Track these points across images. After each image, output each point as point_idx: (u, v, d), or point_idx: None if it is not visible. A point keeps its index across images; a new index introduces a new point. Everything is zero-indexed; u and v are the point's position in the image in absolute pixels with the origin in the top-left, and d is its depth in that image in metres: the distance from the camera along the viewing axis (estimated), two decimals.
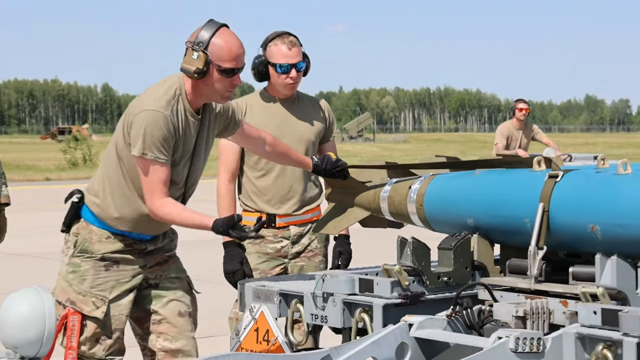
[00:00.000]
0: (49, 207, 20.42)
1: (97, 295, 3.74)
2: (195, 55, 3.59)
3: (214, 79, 3.64)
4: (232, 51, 3.63)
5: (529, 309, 3.40)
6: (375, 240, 4.29)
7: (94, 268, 3.75)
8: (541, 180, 3.62)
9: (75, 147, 39.39)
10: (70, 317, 3.71)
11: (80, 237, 3.78)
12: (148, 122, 3.60)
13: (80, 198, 3.80)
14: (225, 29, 3.65)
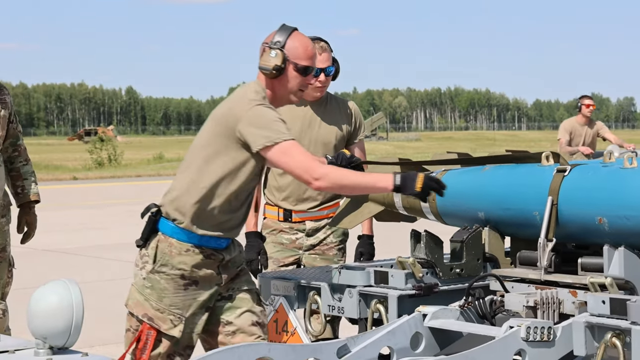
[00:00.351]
0: (76, 205, 20.60)
1: (175, 313, 3.69)
2: (273, 54, 3.68)
3: (289, 77, 3.72)
4: (307, 49, 3.74)
5: (539, 299, 3.48)
6: (389, 234, 4.36)
7: (173, 287, 3.69)
8: (549, 174, 3.70)
9: (101, 147, 39.81)
10: (145, 332, 3.69)
11: (159, 251, 3.71)
12: (265, 113, 3.60)
13: (156, 212, 3.72)
14: (298, 32, 3.77)
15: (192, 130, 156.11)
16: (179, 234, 3.69)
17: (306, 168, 3.54)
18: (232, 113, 3.64)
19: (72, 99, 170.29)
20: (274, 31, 3.75)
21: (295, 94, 3.77)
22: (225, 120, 3.65)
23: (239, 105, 3.64)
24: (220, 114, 3.70)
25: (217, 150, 3.65)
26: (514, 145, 31.47)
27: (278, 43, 3.69)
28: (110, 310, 8.55)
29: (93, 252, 12.66)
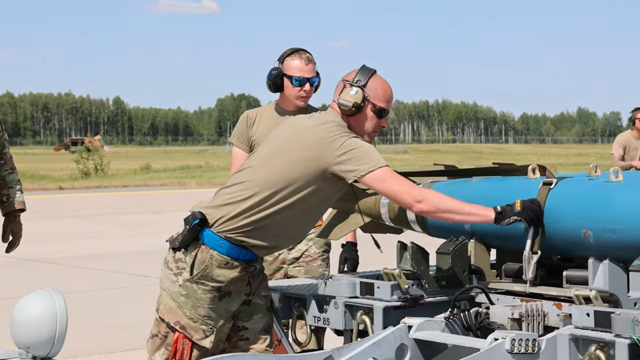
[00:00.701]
0: (62, 214, 20.55)
1: (207, 323, 3.69)
2: (353, 91, 3.73)
3: (366, 117, 3.77)
4: (387, 93, 3.80)
5: (524, 312, 3.48)
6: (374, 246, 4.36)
7: (209, 299, 3.68)
8: (536, 187, 3.71)
9: (88, 157, 39.78)
10: (181, 341, 3.69)
11: (198, 261, 3.67)
12: (361, 143, 3.65)
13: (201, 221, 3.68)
14: (378, 74, 3.81)
15: (179, 141, 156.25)
16: (221, 246, 3.68)
17: (407, 190, 3.60)
18: (326, 142, 3.63)
19: (59, 108, 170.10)
20: (355, 70, 3.81)
21: (369, 134, 3.81)
22: (318, 148, 3.63)
23: (334, 136, 3.64)
24: (310, 141, 3.66)
25: (299, 176, 3.64)
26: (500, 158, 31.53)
27: (359, 82, 3.75)
28: (95, 321, 8.54)
29: (78, 262, 12.62)
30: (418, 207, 3.59)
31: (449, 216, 3.63)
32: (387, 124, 3.86)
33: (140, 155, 69.17)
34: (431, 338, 3.52)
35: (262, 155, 3.77)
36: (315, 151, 3.64)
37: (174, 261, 3.75)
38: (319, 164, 3.63)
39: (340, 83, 3.81)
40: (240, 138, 5.03)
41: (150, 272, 11.63)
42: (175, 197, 25.99)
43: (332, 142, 3.63)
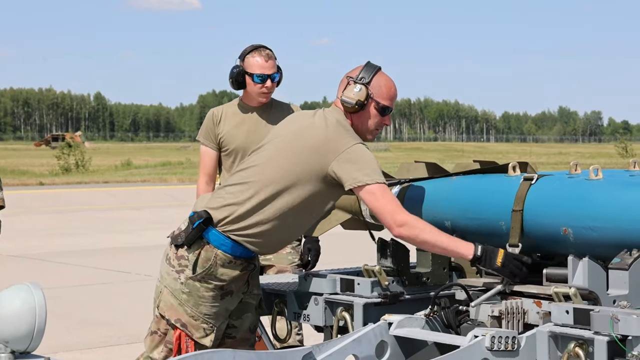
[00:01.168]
0: (42, 210, 20.48)
1: (208, 322, 3.70)
2: (357, 89, 3.70)
3: (369, 115, 3.74)
4: (391, 91, 3.78)
5: (504, 309, 3.49)
6: (355, 242, 4.36)
7: (212, 297, 3.69)
8: (516, 184, 3.72)
9: (69, 153, 39.64)
10: (184, 340, 3.68)
11: (202, 259, 3.67)
12: (365, 152, 3.63)
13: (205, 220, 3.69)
14: (382, 71, 3.79)
15: (161, 137, 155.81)
16: (226, 246, 3.68)
17: (392, 212, 3.57)
18: (330, 145, 3.62)
19: (39, 104, 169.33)
20: (359, 66, 3.78)
21: (372, 132, 3.78)
22: (320, 150, 3.62)
23: (341, 137, 3.63)
24: (313, 142, 3.64)
25: (302, 176, 3.64)
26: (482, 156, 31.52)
27: (363, 79, 3.72)
28: (75, 316, 8.51)
29: (58, 258, 12.57)
30: (397, 231, 3.58)
31: (426, 246, 3.64)
32: (390, 122, 3.83)
33: (121, 152, 68.96)
34: (411, 335, 3.52)
35: (266, 154, 3.74)
36: (319, 152, 3.63)
37: (176, 258, 3.73)
38: (322, 165, 3.62)
39: (344, 79, 3.77)
40: (208, 136, 5.11)
41: (131, 268, 11.61)
42: (156, 193, 25.92)
43: (337, 145, 3.62)
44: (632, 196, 3.40)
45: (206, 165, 5.13)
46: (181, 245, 3.71)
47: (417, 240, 3.58)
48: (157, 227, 16.59)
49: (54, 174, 36.53)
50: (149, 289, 10.67)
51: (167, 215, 18.42)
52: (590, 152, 73.19)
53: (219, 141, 5.06)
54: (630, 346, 3.02)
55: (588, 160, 47.52)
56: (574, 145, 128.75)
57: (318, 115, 3.75)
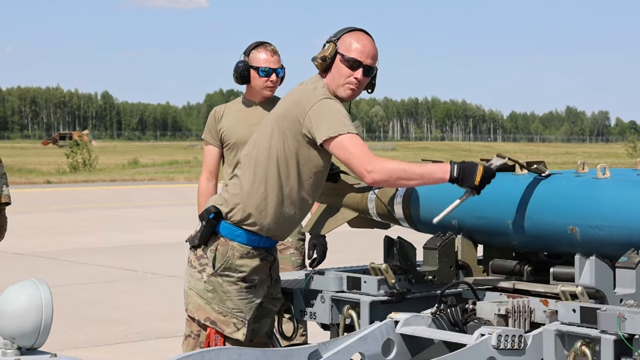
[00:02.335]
0: (49, 208, 20.52)
1: (237, 316, 3.69)
2: (326, 46, 3.72)
3: (338, 70, 3.70)
4: (359, 43, 3.70)
5: (510, 308, 3.49)
6: (362, 240, 4.35)
7: (236, 290, 3.69)
8: (524, 183, 3.71)
9: (77, 152, 39.77)
10: (213, 337, 3.68)
11: (220, 254, 3.69)
12: (332, 105, 3.59)
13: (215, 215, 3.68)
14: (362, 32, 3.74)
15: (168, 136, 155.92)
16: (240, 236, 3.69)
17: (361, 160, 3.50)
18: (298, 106, 3.62)
19: (47, 102, 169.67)
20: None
21: (344, 88, 3.69)
22: (292, 114, 3.63)
23: (306, 98, 3.63)
24: (284, 108, 3.68)
25: (281, 147, 3.65)
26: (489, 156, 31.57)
27: (334, 37, 3.72)
28: (82, 314, 8.52)
29: (64, 256, 12.59)
30: (370, 177, 3.51)
31: (402, 183, 3.57)
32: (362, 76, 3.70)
33: (128, 150, 69.05)
34: (417, 333, 3.51)
35: (253, 140, 3.78)
36: (289, 118, 3.64)
37: (196, 259, 3.75)
38: (296, 129, 3.62)
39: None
40: (211, 133, 5.15)
41: (138, 266, 11.62)
42: (163, 192, 25.95)
43: (302, 105, 3.61)
44: (637, 193, 3.39)
45: (208, 161, 5.18)
46: (198, 245, 3.73)
47: (391, 180, 3.52)
48: (164, 225, 16.61)
49: (61, 173, 36.65)
50: (155, 287, 10.70)
51: (174, 214, 18.44)
52: (598, 152, 73.02)
53: (221, 136, 5.10)
54: (637, 345, 3.02)
55: (595, 160, 47.41)
56: (581, 145, 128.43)
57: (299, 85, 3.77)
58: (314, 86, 3.69)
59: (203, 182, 5.18)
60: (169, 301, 8.98)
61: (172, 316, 8.16)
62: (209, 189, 5.15)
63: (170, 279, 10.54)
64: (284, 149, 3.65)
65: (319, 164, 3.69)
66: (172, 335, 7.38)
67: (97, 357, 6.83)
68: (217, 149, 5.14)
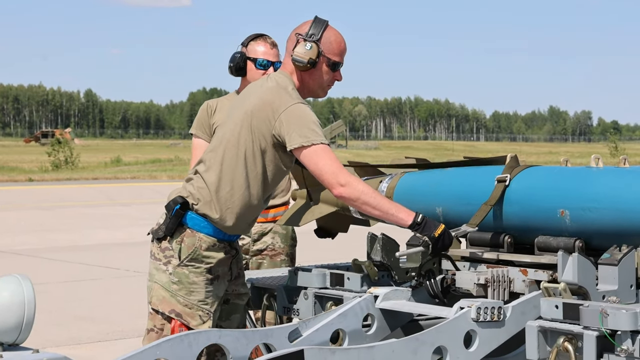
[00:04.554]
0: (31, 206, 20.41)
1: (203, 308, 3.65)
2: (308, 47, 3.66)
3: (321, 72, 3.71)
4: (341, 45, 3.73)
5: (490, 277, 3.48)
6: (345, 237, 4.35)
7: (203, 281, 3.65)
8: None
9: (59, 150, 39.58)
10: (177, 330, 3.62)
11: (186, 246, 3.65)
12: (305, 111, 3.59)
13: (182, 205, 3.65)
14: (331, 26, 3.74)
15: (151, 135, 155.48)
16: (207, 228, 3.66)
17: (335, 172, 3.52)
18: (269, 107, 3.60)
19: (29, 100, 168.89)
20: (307, 22, 3.72)
21: (324, 89, 3.75)
22: (261, 114, 3.61)
23: (278, 99, 3.61)
24: (254, 106, 3.65)
25: (249, 145, 3.63)
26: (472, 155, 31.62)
27: (313, 36, 3.67)
28: (64, 312, 8.49)
29: (47, 254, 12.53)
30: (339, 190, 3.52)
31: (367, 209, 3.57)
32: (341, 77, 3.77)
33: (111, 148, 68.84)
34: (397, 308, 3.53)
35: (218, 134, 3.75)
36: (258, 116, 3.61)
37: (160, 251, 3.71)
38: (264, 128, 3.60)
39: (292, 36, 3.72)
40: (202, 127, 4.91)
41: (120, 264, 11.58)
42: (146, 190, 25.87)
43: (274, 106, 3.59)
44: (631, 179, 3.40)
45: (198, 157, 4.80)
46: (163, 237, 3.69)
47: (359, 202, 3.54)
48: (146, 223, 16.47)
49: (44, 171, 36.51)
50: (137, 285, 10.66)
51: (156, 212, 18.29)
52: (580, 151, 73.36)
53: (213, 131, 4.84)
54: (620, 341, 3.03)
55: (578, 159, 47.63)
56: (564, 144, 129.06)
57: (260, 81, 3.74)
58: (285, 86, 3.66)
59: None
60: None
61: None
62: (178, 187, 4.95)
63: None
64: (252, 147, 3.63)
65: (283, 165, 3.68)
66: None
67: (80, 355, 6.80)
68: (208, 144, 4.72)
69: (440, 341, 3.21)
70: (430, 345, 3.19)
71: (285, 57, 3.75)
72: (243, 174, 3.64)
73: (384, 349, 3.13)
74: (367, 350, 3.10)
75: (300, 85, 3.72)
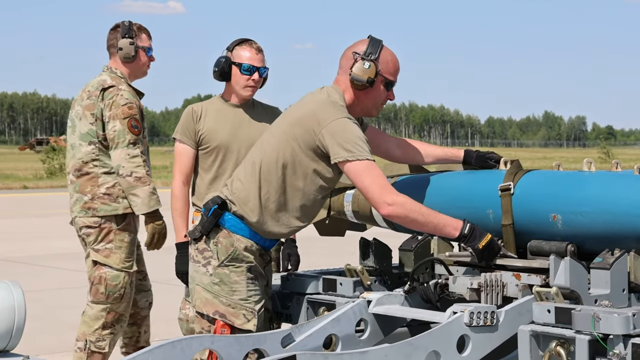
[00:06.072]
0: (25, 213, 20.36)
1: (246, 307, 3.66)
2: (366, 65, 3.67)
3: (378, 91, 3.73)
4: (396, 65, 3.77)
5: (483, 282, 3.49)
6: (337, 243, 4.34)
7: (244, 280, 3.67)
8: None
9: (53, 157, 39.51)
10: (219, 330, 3.64)
11: (223, 246, 3.67)
12: (352, 127, 3.59)
13: (221, 206, 3.67)
14: (386, 46, 3.76)
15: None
16: (244, 230, 3.67)
17: (383, 191, 3.51)
18: (315, 117, 3.61)
19: (24, 108, 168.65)
20: (364, 41, 3.74)
21: (377, 108, 3.79)
22: (306, 123, 3.62)
23: (325, 111, 3.61)
24: (301, 115, 3.66)
25: (289, 153, 3.63)
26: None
27: (371, 55, 3.69)
28: (56, 319, 8.45)
29: (41, 262, 12.50)
30: (387, 210, 3.50)
31: (416, 226, 3.57)
32: (394, 96, 3.81)
33: None
34: (390, 313, 3.53)
35: (264, 140, 3.76)
36: (304, 125, 3.62)
37: (198, 253, 3.71)
38: (309, 138, 3.61)
39: (348, 55, 3.73)
40: (187, 133, 4.80)
41: None
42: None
43: (320, 118, 3.60)
44: (623, 183, 3.40)
45: (183, 164, 4.81)
46: (199, 237, 3.69)
47: (407, 219, 3.54)
48: (141, 230, 16.53)
49: (38, 178, 36.44)
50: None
51: None
52: (575, 156, 73.44)
53: (199, 139, 4.78)
54: (612, 345, 3.03)
55: (572, 164, 47.69)
56: (559, 150, 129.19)
57: (314, 92, 3.75)
58: (334, 100, 3.67)
59: (179, 187, 4.80)
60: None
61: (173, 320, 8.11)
62: (184, 193, 4.80)
63: None
64: (292, 155, 3.64)
65: (325, 176, 3.68)
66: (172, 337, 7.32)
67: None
68: (193, 151, 4.77)
69: (434, 346, 3.21)
70: (424, 350, 3.19)
71: (338, 74, 3.76)
72: (279, 181, 3.65)
73: (377, 354, 3.13)
74: (360, 356, 3.10)
75: (354, 103, 3.73)
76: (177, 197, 4.79)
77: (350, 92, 3.72)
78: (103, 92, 5.17)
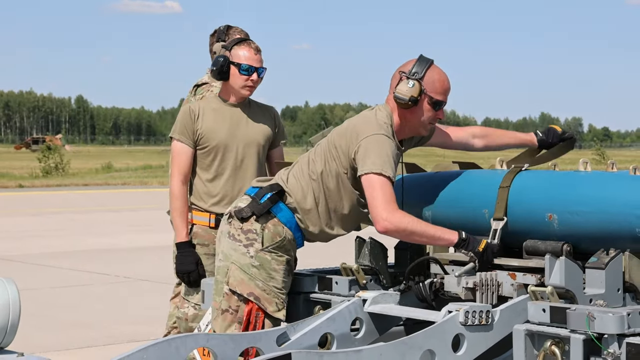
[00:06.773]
0: (21, 212, 20.34)
1: (279, 296, 3.72)
2: (410, 84, 3.69)
3: (422, 110, 3.74)
4: (444, 84, 3.77)
5: (478, 281, 3.49)
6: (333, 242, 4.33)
7: (282, 270, 3.73)
8: (502, 174, 3.71)
9: (49, 156, 39.52)
10: (254, 313, 3.68)
11: (270, 233, 3.73)
12: (385, 143, 3.63)
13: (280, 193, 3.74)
14: (435, 65, 3.77)
15: (142, 141, 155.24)
16: (292, 224, 3.75)
17: (383, 206, 3.55)
18: (356, 131, 3.68)
19: (20, 106, 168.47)
20: (412, 60, 3.77)
21: (425, 127, 3.80)
22: (348, 134, 3.70)
23: (366, 125, 3.68)
24: (347, 126, 3.76)
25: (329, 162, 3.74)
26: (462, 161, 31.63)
27: (416, 74, 3.71)
28: (52, 317, 8.46)
29: (37, 260, 12.49)
30: (382, 225, 3.56)
31: (415, 238, 3.62)
32: (444, 115, 3.82)
33: (102, 155, 68.66)
34: (386, 312, 3.54)
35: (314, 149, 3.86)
36: (346, 138, 3.70)
37: (242, 232, 3.75)
38: (347, 150, 3.69)
39: (396, 74, 3.77)
40: (185, 132, 4.76)
41: (110, 270, 11.55)
42: (137, 196, 25.81)
43: (359, 132, 3.67)
44: (619, 183, 3.41)
45: (182, 163, 4.75)
46: (247, 218, 3.74)
47: (405, 233, 3.58)
48: (137, 229, 16.52)
49: (34, 177, 36.42)
50: (127, 291, 10.64)
51: (147, 218, 18.34)
52: (571, 157, 73.32)
53: (197, 138, 4.75)
54: (607, 344, 3.04)
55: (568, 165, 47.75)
56: None
57: (367, 109, 3.84)
58: (380, 118, 3.73)
59: (177, 186, 4.72)
60: (141, 305, 8.93)
61: (144, 320, 8.12)
62: (183, 193, 4.74)
63: (143, 282, 10.49)
64: (331, 165, 3.73)
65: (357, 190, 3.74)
66: (144, 339, 7.32)
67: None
68: (191, 150, 4.74)
69: (429, 345, 3.21)
70: (419, 349, 3.20)
71: (389, 93, 3.79)
72: (334, 188, 3.74)
73: (372, 352, 3.13)
74: (355, 354, 3.10)
75: (402, 122, 3.77)
76: (177, 196, 4.75)
77: (398, 111, 3.75)
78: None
